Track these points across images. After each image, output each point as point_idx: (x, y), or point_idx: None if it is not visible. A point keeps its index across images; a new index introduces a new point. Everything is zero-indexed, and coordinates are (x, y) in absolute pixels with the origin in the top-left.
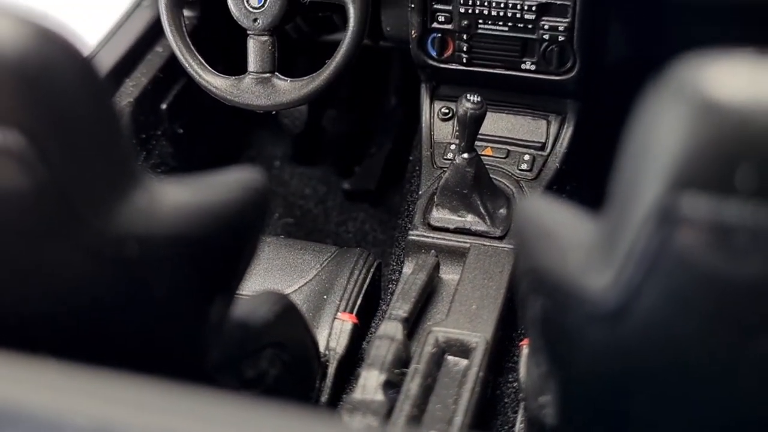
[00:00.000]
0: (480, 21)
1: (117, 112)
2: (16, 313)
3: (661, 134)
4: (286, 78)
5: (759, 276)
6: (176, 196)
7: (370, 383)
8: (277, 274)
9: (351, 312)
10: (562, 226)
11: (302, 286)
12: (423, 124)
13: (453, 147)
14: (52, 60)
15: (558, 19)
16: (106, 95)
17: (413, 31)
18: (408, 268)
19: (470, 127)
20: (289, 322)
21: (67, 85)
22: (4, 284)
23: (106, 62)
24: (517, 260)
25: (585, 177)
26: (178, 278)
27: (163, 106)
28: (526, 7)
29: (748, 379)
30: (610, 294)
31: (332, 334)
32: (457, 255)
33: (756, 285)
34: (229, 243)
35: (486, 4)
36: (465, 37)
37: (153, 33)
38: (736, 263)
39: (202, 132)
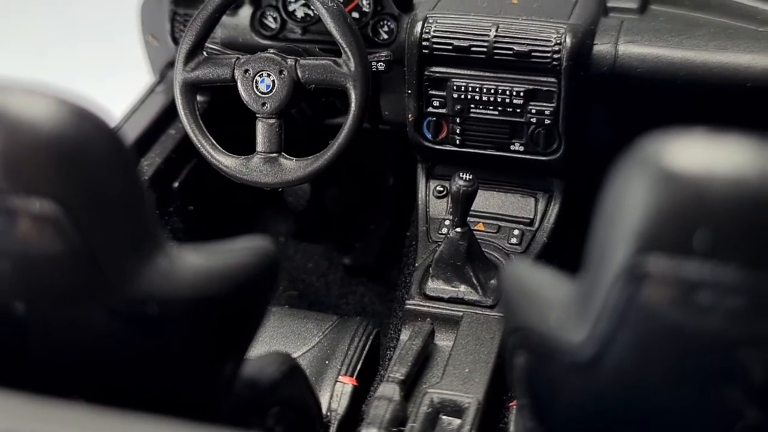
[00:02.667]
0: (472, 106)
1: (142, 183)
2: (45, 363)
3: (628, 202)
4: (291, 158)
5: (717, 329)
6: (194, 261)
7: None
8: (282, 341)
9: (351, 375)
10: (544, 287)
11: (305, 352)
12: (419, 202)
13: (447, 222)
14: (86, 136)
15: (544, 104)
16: (133, 168)
17: (410, 115)
18: (405, 335)
19: (463, 203)
20: (294, 382)
21: (99, 159)
22: (36, 338)
23: None
24: (505, 320)
25: (571, 250)
26: (193, 336)
27: (175, 185)
28: (514, 93)
29: (713, 425)
30: (586, 346)
31: (334, 395)
32: (451, 322)
33: (714, 337)
34: (241, 304)
35: (477, 90)
36: (458, 120)
37: (166, 117)
38: (696, 317)
39: (211, 209)
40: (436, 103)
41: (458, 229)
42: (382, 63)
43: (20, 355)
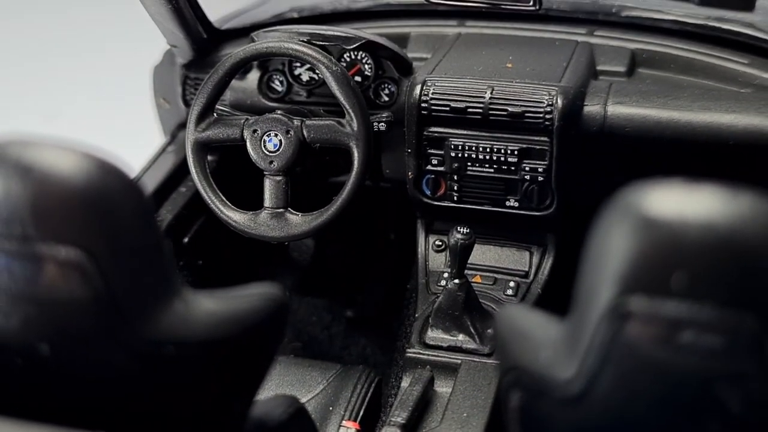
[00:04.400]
0: (468, 164)
1: (160, 232)
2: (68, 398)
3: (611, 247)
4: (297, 213)
5: (695, 365)
6: (207, 305)
7: None
8: (288, 389)
9: (355, 420)
10: (535, 328)
11: (311, 399)
12: (419, 255)
13: (446, 275)
14: (110, 188)
15: (537, 162)
16: (152, 218)
17: (410, 173)
18: (406, 382)
19: (461, 256)
20: (301, 424)
21: (121, 209)
22: (59, 376)
23: None
24: (499, 361)
25: (565, 301)
26: (206, 376)
27: (185, 240)
28: (509, 152)
29: None
30: (574, 382)
31: None
32: (450, 370)
33: (693, 373)
34: (251, 346)
35: (473, 149)
36: (455, 177)
37: (177, 175)
38: (676, 354)
39: (219, 264)
40: (434, 162)
41: (456, 281)
42: (383, 123)
43: (45, 391)
